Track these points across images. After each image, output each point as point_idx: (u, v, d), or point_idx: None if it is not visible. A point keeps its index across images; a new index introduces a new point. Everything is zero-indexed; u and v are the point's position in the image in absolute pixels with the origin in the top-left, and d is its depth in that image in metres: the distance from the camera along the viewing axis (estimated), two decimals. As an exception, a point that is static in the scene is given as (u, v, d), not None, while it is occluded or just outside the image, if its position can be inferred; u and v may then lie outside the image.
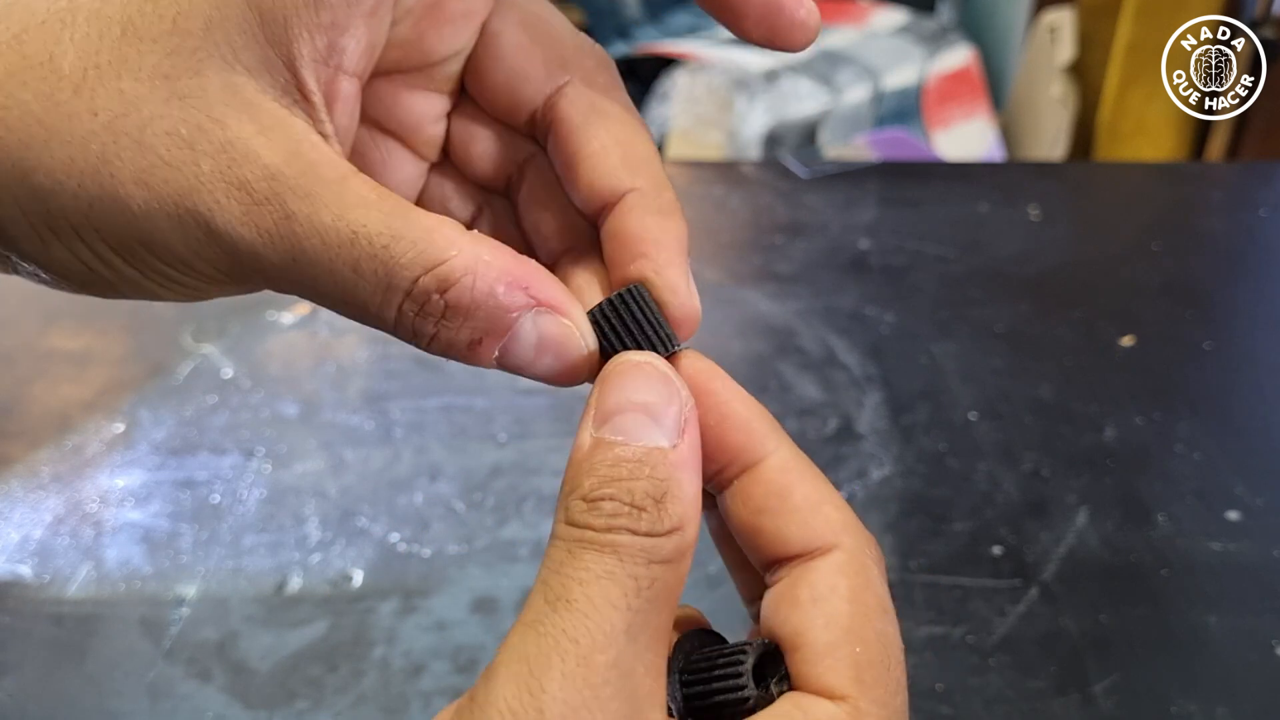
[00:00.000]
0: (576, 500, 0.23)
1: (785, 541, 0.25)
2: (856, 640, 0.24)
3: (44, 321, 0.82)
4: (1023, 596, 0.56)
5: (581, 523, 0.23)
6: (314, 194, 0.23)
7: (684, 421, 0.24)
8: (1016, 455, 0.67)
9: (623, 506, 0.22)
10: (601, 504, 0.23)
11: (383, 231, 0.23)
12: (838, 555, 0.25)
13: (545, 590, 0.22)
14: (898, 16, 2.11)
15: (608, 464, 0.23)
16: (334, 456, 0.67)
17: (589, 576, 0.22)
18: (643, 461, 0.23)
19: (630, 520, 0.22)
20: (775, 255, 0.92)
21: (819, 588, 0.25)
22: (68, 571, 0.58)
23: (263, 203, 0.23)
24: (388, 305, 0.24)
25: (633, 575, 0.22)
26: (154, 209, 0.23)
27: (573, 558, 0.22)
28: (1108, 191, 1.12)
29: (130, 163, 0.23)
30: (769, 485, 0.26)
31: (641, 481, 0.23)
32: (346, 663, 0.52)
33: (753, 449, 0.26)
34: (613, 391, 0.24)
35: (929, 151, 1.97)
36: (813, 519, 0.25)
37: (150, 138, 0.23)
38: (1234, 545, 0.59)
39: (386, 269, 0.23)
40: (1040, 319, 0.83)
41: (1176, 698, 0.50)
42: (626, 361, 0.25)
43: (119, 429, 0.69)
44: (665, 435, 0.24)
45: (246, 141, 0.23)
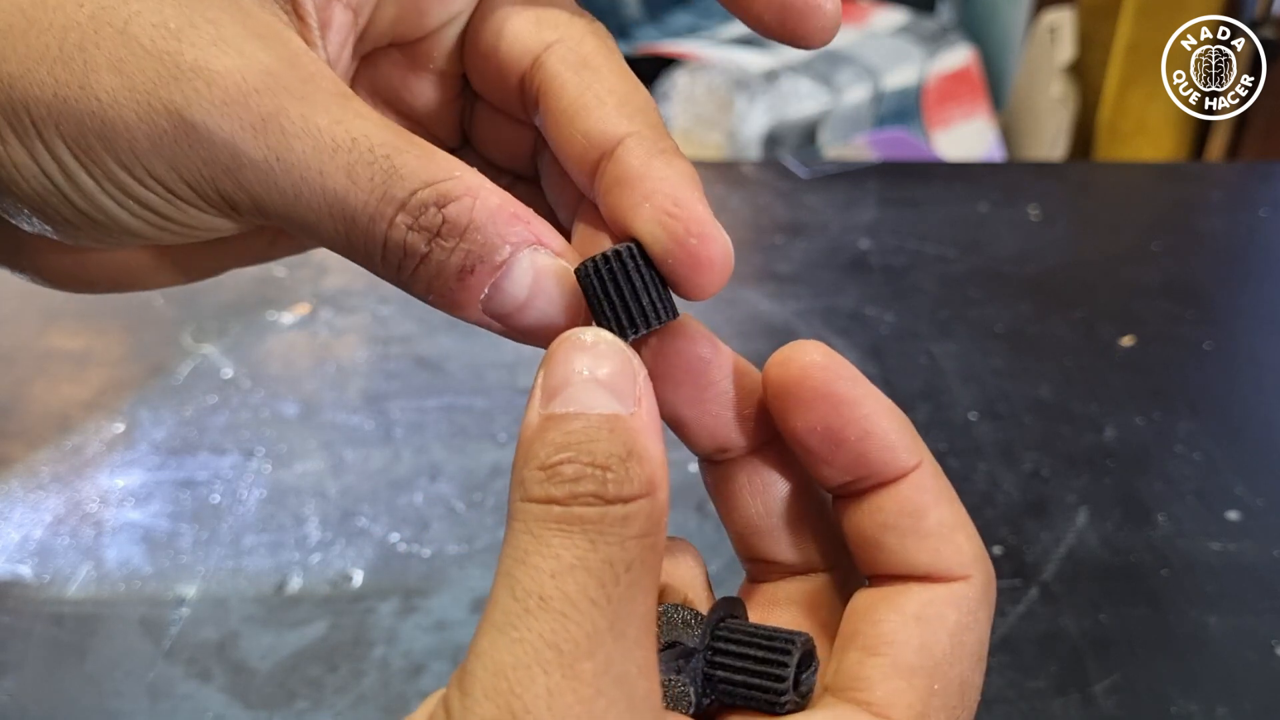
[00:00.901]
0: (532, 471, 0.20)
1: (909, 564, 0.24)
2: (939, 677, 0.22)
3: (44, 321, 0.82)
4: (1023, 596, 0.56)
5: (540, 495, 0.20)
6: (309, 96, 0.22)
7: (638, 390, 0.22)
8: (1016, 455, 0.67)
9: (585, 468, 0.20)
10: (561, 468, 0.20)
11: (385, 142, 0.22)
12: (959, 587, 0.24)
13: (512, 585, 0.20)
14: (898, 16, 2.11)
15: (562, 431, 0.21)
16: (334, 456, 0.67)
17: (560, 567, 0.19)
18: (600, 425, 0.21)
19: (596, 484, 0.20)
20: (775, 255, 0.92)
21: (928, 610, 0.23)
22: (68, 571, 0.58)
23: (251, 95, 0.21)
24: (380, 217, 0.22)
25: (608, 560, 0.20)
26: (122, 98, 0.21)
27: (538, 543, 0.20)
28: (1108, 191, 1.12)
29: (108, 50, 0.21)
30: (904, 503, 0.24)
31: (602, 442, 0.20)
32: (346, 663, 0.52)
33: (896, 466, 0.24)
34: (559, 364, 0.22)
35: (929, 151, 1.97)
36: (944, 547, 0.24)
37: (135, 28, 0.21)
38: (1234, 545, 0.59)
39: (385, 177, 0.21)
40: (1040, 319, 0.83)
41: (1177, 698, 0.50)
42: (573, 337, 0.22)
43: (119, 429, 0.69)
44: (621, 403, 0.21)
45: (240, 40, 0.22)
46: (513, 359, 0.75)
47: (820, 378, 0.24)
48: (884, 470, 0.24)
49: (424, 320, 0.82)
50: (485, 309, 0.23)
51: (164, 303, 0.84)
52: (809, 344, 0.25)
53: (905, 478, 0.24)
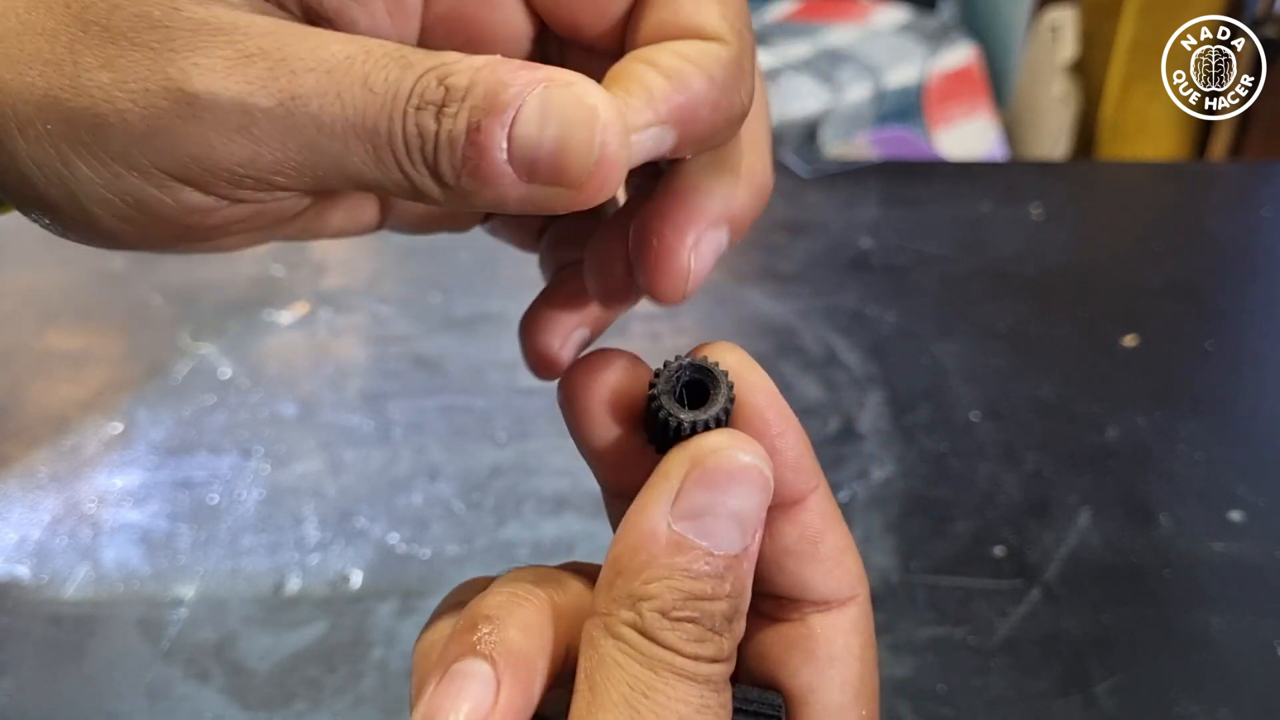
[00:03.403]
0: (655, 615, 0.21)
1: (806, 588, 0.25)
2: (863, 702, 0.24)
3: (42, 321, 0.82)
4: (1024, 597, 0.56)
5: (666, 643, 0.21)
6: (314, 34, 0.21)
7: (763, 520, 0.23)
8: (1018, 455, 0.66)
9: (706, 632, 0.21)
10: (685, 625, 0.21)
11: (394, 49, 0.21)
12: (853, 611, 0.25)
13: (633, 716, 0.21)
14: (899, 14, 2.11)
15: (690, 575, 0.22)
16: (332, 457, 0.67)
17: (689, 711, 0.21)
18: (724, 577, 0.22)
19: (714, 649, 0.22)
20: (776, 254, 0.92)
21: (836, 646, 0.24)
22: (66, 572, 0.58)
23: (255, 55, 0.21)
24: (395, 114, 0.21)
25: (723, 704, 0.22)
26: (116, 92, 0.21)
27: (666, 685, 0.21)
28: (1110, 191, 1.12)
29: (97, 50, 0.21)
30: (804, 529, 0.25)
31: (722, 603, 0.22)
32: (345, 664, 0.52)
33: (797, 486, 0.25)
34: (708, 488, 0.22)
35: (930, 150, 1.97)
36: (837, 570, 0.25)
37: (119, 22, 0.21)
38: (1236, 546, 0.59)
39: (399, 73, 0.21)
40: (1042, 319, 0.82)
41: (1179, 698, 0.50)
42: (733, 460, 0.22)
43: (117, 429, 0.69)
44: (745, 539, 0.22)
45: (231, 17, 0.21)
46: (512, 359, 0.75)
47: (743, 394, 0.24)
48: (783, 492, 0.24)
49: (423, 320, 0.82)
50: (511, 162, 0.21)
51: (162, 302, 0.84)
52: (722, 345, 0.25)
53: (803, 502, 0.25)
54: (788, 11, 2.17)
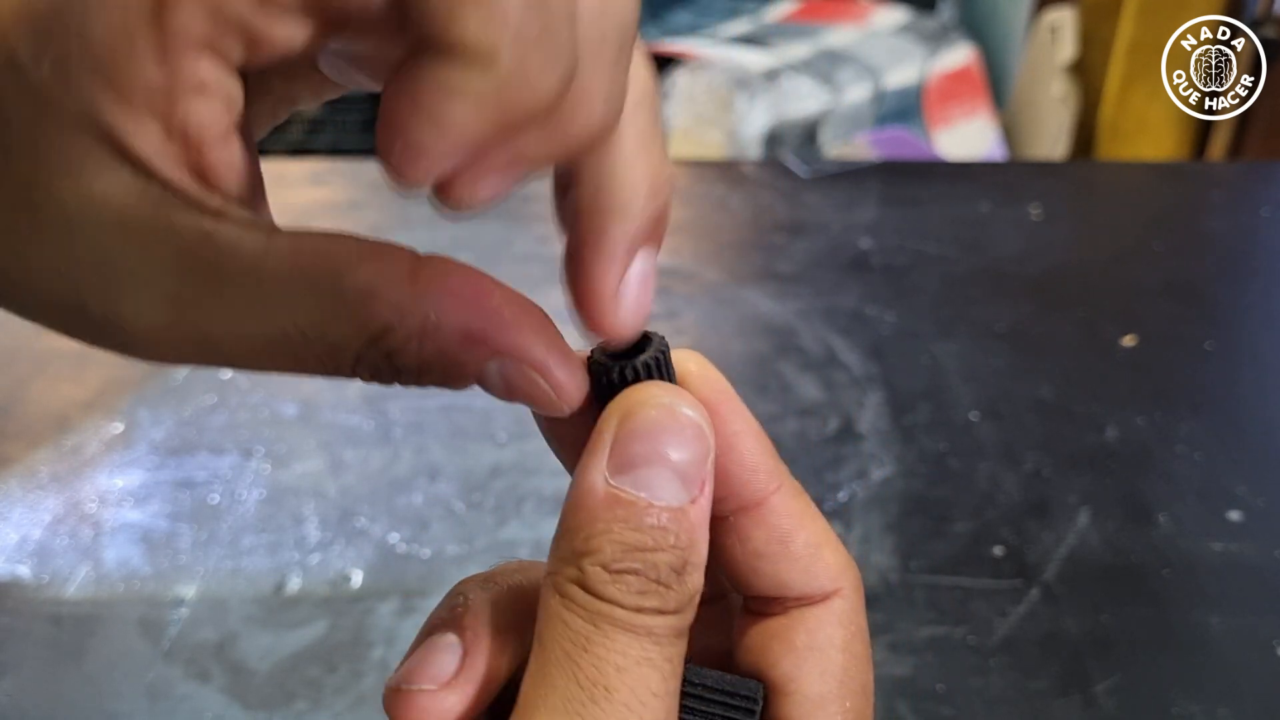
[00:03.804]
0: (596, 568, 0.21)
1: (784, 587, 0.25)
2: (847, 694, 0.24)
3: (43, 321, 0.82)
4: (1024, 597, 0.56)
5: (606, 596, 0.21)
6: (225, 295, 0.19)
7: (706, 473, 0.22)
8: (1018, 455, 0.66)
9: (650, 584, 0.21)
10: (626, 578, 0.21)
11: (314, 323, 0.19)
12: (836, 603, 0.25)
13: (575, 672, 0.21)
14: (898, 15, 2.11)
15: (630, 527, 0.21)
16: (333, 457, 0.67)
17: (627, 662, 0.21)
18: (666, 528, 0.22)
19: (659, 599, 0.21)
20: (776, 255, 0.92)
21: (816, 636, 0.24)
22: (66, 572, 0.58)
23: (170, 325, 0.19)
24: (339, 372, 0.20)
25: (668, 658, 0.21)
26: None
27: (605, 637, 0.21)
28: (1109, 191, 1.12)
29: None
30: (771, 530, 0.24)
31: (666, 553, 0.22)
32: (345, 663, 0.52)
33: (756, 488, 0.24)
34: (637, 437, 0.22)
35: (930, 151, 1.97)
36: (814, 566, 0.24)
37: None
38: (1235, 545, 0.59)
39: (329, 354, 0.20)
40: (1042, 319, 0.82)
41: (1178, 698, 0.50)
42: (655, 401, 0.22)
43: (118, 429, 0.69)
44: (686, 490, 0.22)
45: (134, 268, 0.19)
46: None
47: (692, 385, 0.24)
48: (743, 491, 0.24)
49: (424, 320, 0.82)
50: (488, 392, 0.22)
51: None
52: (684, 353, 0.25)
53: (766, 503, 0.24)
54: (788, 12, 2.17)
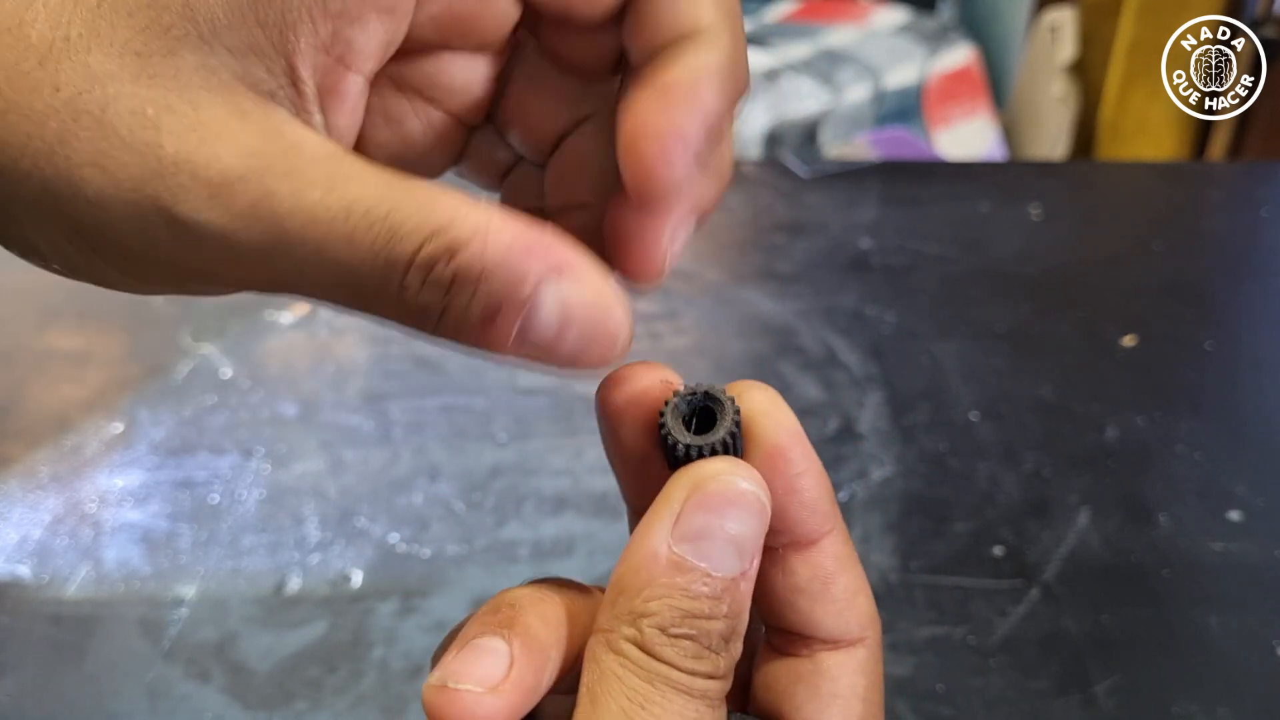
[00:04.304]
0: (654, 631, 0.22)
1: (816, 626, 0.25)
2: None
3: (42, 321, 0.82)
4: (1024, 597, 0.56)
5: (664, 658, 0.22)
6: (298, 170, 0.21)
7: (760, 546, 0.23)
8: (1018, 455, 0.66)
9: (704, 650, 0.22)
10: (682, 642, 0.22)
11: (380, 202, 0.21)
12: (860, 652, 0.25)
13: None
14: (898, 15, 2.11)
15: (689, 595, 0.22)
16: (333, 456, 0.67)
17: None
18: (721, 598, 0.23)
19: (711, 665, 0.22)
20: (776, 255, 0.92)
21: (840, 684, 0.25)
22: (66, 572, 0.58)
23: (235, 181, 0.20)
24: (388, 282, 0.21)
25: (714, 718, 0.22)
26: (109, 194, 0.20)
27: (662, 697, 0.22)
28: (1109, 191, 1.12)
29: (89, 143, 0.20)
30: (816, 570, 0.25)
31: (719, 622, 0.23)
32: (346, 663, 0.52)
33: (812, 527, 0.25)
34: (705, 511, 0.23)
35: (930, 151, 1.97)
36: (848, 611, 0.25)
37: (113, 116, 0.20)
38: (1235, 545, 0.59)
39: (387, 238, 0.20)
40: (1041, 319, 0.82)
41: (1178, 698, 0.50)
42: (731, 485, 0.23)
43: (118, 429, 0.69)
44: (742, 563, 0.23)
45: (221, 122, 0.21)
46: (513, 359, 0.75)
47: (762, 424, 0.25)
48: (797, 530, 0.25)
49: (424, 320, 0.82)
50: (518, 350, 0.22)
51: (163, 302, 0.84)
52: (754, 389, 0.25)
53: (818, 543, 0.25)
54: (787, 12, 2.17)
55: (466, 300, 0.21)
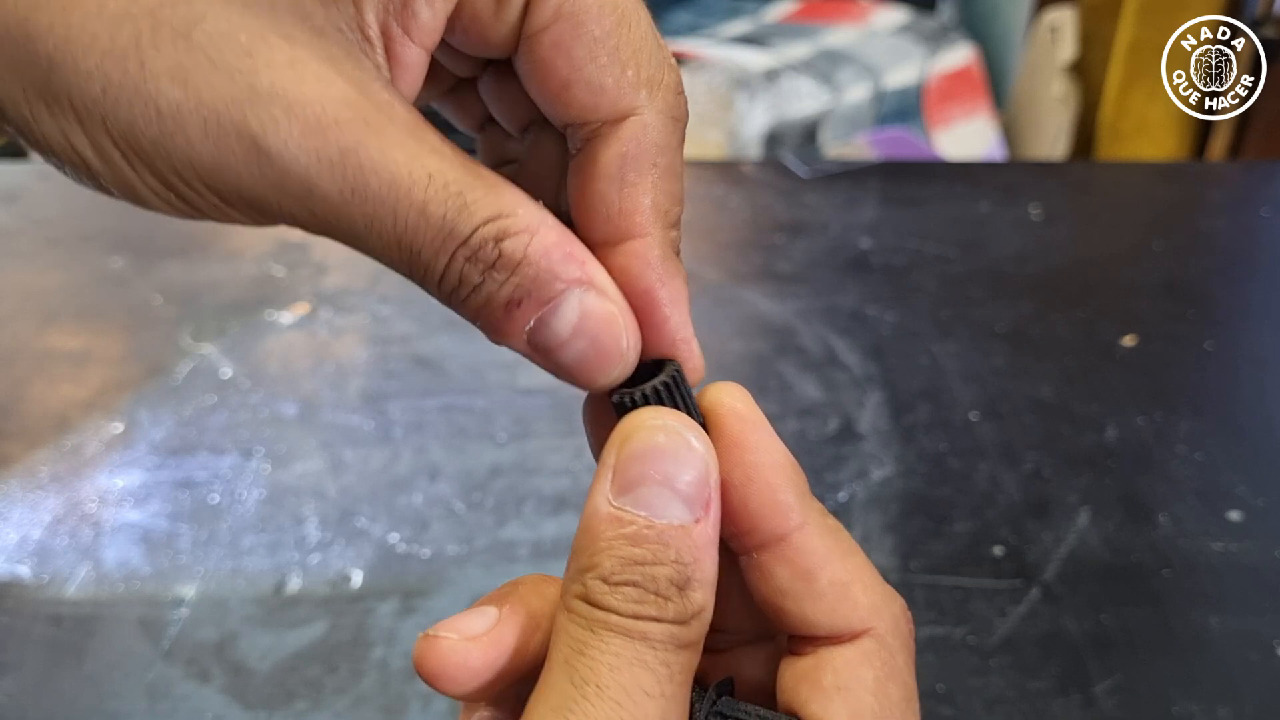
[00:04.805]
0: (596, 581, 0.22)
1: (811, 625, 0.24)
2: None
3: (42, 321, 0.82)
4: (1024, 597, 0.56)
5: (604, 604, 0.22)
6: (387, 131, 0.21)
7: (709, 495, 0.23)
8: (1017, 455, 0.66)
9: (647, 594, 0.22)
10: (624, 589, 0.22)
11: (457, 179, 0.22)
12: (865, 643, 0.24)
13: (570, 672, 0.21)
14: (898, 15, 2.11)
15: (629, 542, 0.22)
16: (333, 457, 0.67)
17: (620, 663, 0.21)
18: (665, 544, 0.22)
19: (656, 609, 0.22)
20: (776, 255, 0.92)
21: (843, 676, 0.24)
22: (66, 572, 0.58)
23: (330, 127, 0.21)
24: (443, 251, 0.22)
25: (664, 663, 0.22)
26: (186, 110, 0.20)
27: (599, 640, 0.22)
28: (1109, 191, 1.12)
29: (169, 56, 0.20)
30: (794, 567, 0.24)
31: (665, 567, 0.22)
32: (345, 663, 0.52)
33: (777, 523, 0.24)
34: (635, 460, 0.23)
35: (930, 151, 1.97)
36: (840, 606, 0.24)
37: (201, 35, 0.20)
38: (1235, 545, 0.59)
39: (457, 211, 0.22)
40: (1041, 319, 0.82)
41: (1178, 698, 0.50)
42: (651, 424, 0.23)
43: (118, 429, 0.69)
44: (689, 510, 0.23)
45: (317, 64, 0.21)
46: (513, 359, 0.75)
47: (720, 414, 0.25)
48: (763, 526, 0.24)
49: (423, 320, 0.82)
50: (529, 340, 0.24)
51: (163, 302, 0.84)
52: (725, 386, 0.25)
53: (788, 539, 0.24)
54: (788, 12, 2.17)
55: (500, 283, 0.23)
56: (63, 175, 0.23)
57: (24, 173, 1.09)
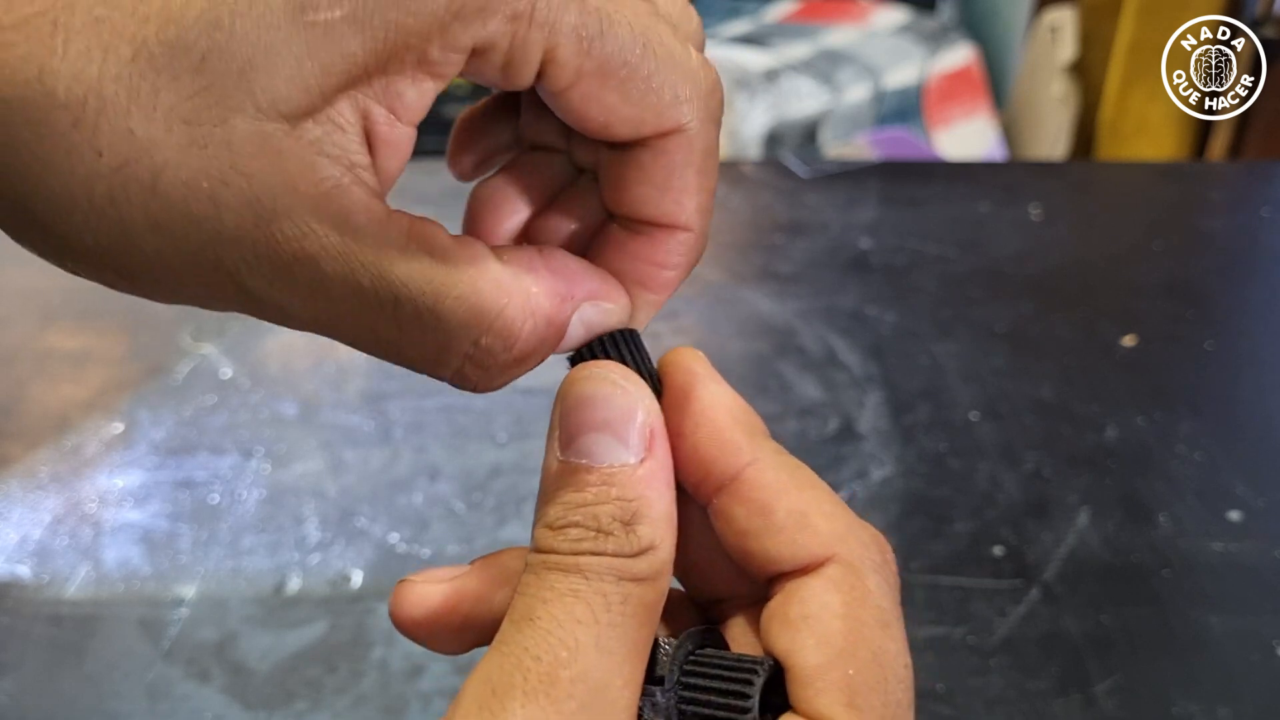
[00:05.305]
0: (543, 529, 0.23)
1: (776, 561, 0.24)
2: (849, 661, 0.22)
3: (43, 321, 0.82)
4: (1024, 597, 0.56)
5: (547, 547, 0.22)
6: (349, 254, 0.21)
7: (650, 433, 0.23)
8: (1017, 455, 0.66)
9: (588, 532, 0.22)
10: (567, 530, 0.22)
11: (425, 290, 0.22)
12: (830, 570, 0.24)
13: (511, 612, 0.22)
14: (898, 15, 2.11)
15: (572, 488, 0.23)
16: (333, 457, 0.67)
17: (553, 595, 0.22)
18: (607, 484, 0.23)
19: (595, 544, 0.22)
20: (776, 255, 0.92)
21: (809, 605, 0.23)
22: (66, 572, 0.58)
23: (293, 263, 0.21)
24: (442, 365, 0.23)
25: (600, 592, 0.22)
26: (170, 254, 0.21)
27: (538, 579, 0.22)
28: (1109, 191, 1.12)
29: (141, 209, 0.20)
30: (750, 504, 0.24)
31: (607, 505, 0.22)
32: (346, 663, 0.52)
33: (725, 461, 0.25)
34: (572, 410, 0.23)
35: (930, 151, 1.97)
36: (799, 536, 0.24)
37: (166, 187, 0.20)
38: (1235, 545, 0.59)
39: (435, 332, 0.22)
40: (1041, 319, 0.82)
41: (1178, 698, 0.50)
42: (582, 376, 0.24)
43: (118, 429, 0.69)
44: (631, 451, 0.23)
45: (274, 199, 0.21)
46: (512, 359, 0.75)
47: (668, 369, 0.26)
48: (717, 466, 0.25)
49: (424, 320, 0.82)
50: None
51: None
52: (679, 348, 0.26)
53: (740, 476, 0.25)
54: (788, 12, 2.17)
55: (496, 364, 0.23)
56: None
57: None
